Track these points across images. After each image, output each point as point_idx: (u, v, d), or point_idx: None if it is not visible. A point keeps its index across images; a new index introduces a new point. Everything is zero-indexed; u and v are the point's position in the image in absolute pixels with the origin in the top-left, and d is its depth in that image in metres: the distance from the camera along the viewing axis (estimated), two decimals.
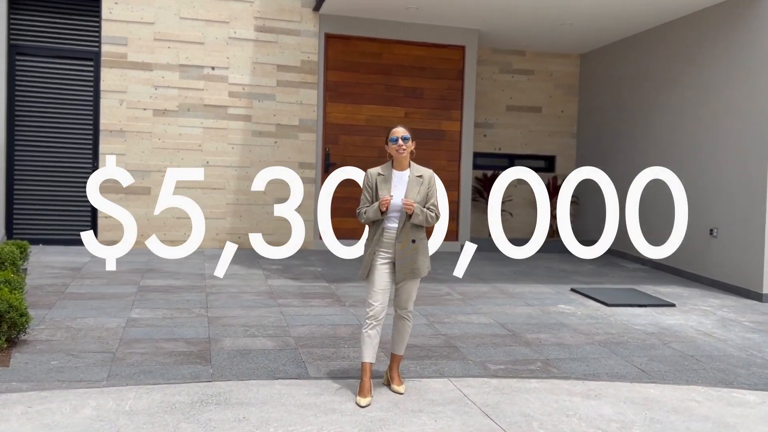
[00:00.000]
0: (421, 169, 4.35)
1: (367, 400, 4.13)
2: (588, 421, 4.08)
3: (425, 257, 4.35)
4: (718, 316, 7.00)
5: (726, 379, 5.11)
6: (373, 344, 4.22)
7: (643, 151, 9.94)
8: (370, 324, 4.22)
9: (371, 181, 4.33)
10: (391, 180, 4.29)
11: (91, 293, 6.58)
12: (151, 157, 9.28)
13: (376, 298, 4.22)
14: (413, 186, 4.26)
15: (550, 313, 6.74)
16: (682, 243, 9.06)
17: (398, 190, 4.27)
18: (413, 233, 4.25)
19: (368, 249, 4.31)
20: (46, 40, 9.05)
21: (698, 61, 8.84)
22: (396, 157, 4.28)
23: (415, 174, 4.30)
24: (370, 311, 4.22)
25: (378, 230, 4.27)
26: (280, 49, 9.62)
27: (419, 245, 4.29)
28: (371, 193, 4.32)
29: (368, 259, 4.28)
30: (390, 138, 4.29)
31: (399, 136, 4.25)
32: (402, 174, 4.31)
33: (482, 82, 11.22)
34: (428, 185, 4.31)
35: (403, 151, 4.25)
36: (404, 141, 4.24)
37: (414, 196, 4.24)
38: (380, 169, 4.34)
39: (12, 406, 3.80)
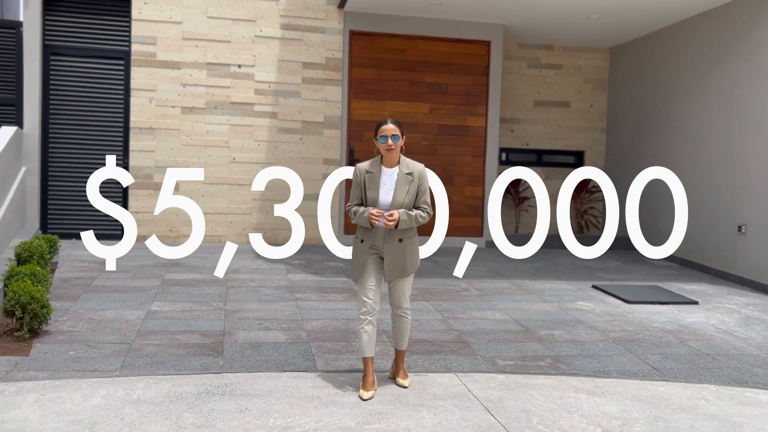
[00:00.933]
0: (411, 165, 4.26)
1: (370, 393, 4.18)
2: (589, 418, 4.07)
3: (414, 255, 4.31)
4: (741, 314, 6.86)
5: (741, 378, 5.03)
6: (371, 339, 4.26)
7: (674, 147, 9.77)
8: (365, 320, 4.24)
9: (360, 179, 4.26)
10: (380, 178, 4.22)
11: (116, 286, 6.78)
12: (179, 154, 9.48)
13: (368, 294, 4.23)
14: (402, 185, 4.19)
15: (567, 310, 6.70)
16: (710, 240, 8.90)
17: (386, 189, 4.21)
18: (400, 233, 4.23)
19: (356, 247, 4.29)
20: (78, 40, 9.31)
21: (730, 54, 8.65)
22: (385, 155, 4.22)
23: (404, 171, 4.22)
24: (363, 308, 4.25)
25: (366, 230, 4.25)
26: (305, 47, 9.73)
27: (407, 244, 4.25)
28: (360, 190, 4.27)
29: (356, 257, 4.27)
30: (379, 136, 4.20)
31: (389, 135, 4.16)
32: (391, 171, 4.24)
33: (509, 78, 11.16)
34: (418, 183, 4.24)
35: (392, 150, 4.19)
36: (394, 140, 4.17)
37: (403, 196, 4.18)
38: (368, 165, 4.27)
39: (26, 394, 3.96)
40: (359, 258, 4.27)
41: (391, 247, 4.21)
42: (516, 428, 3.85)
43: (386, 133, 4.17)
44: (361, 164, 4.31)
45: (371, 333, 4.26)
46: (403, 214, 4.14)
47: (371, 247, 4.24)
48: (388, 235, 4.20)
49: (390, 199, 4.19)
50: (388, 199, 4.19)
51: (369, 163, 4.29)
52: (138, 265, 7.84)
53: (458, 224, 10.33)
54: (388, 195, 4.20)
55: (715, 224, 8.82)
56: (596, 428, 3.92)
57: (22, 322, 5.03)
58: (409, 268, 4.28)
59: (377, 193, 4.20)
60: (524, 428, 3.86)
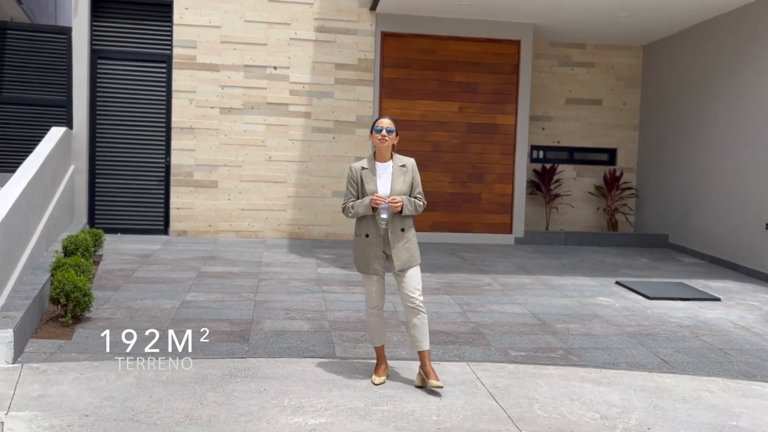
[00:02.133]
0: (403, 159, 4.46)
1: (381, 378, 4.43)
2: (589, 405, 4.26)
3: (416, 245, 4.47)
4: (763, 311, 6.91)
5: (750, 372, 5.13)
6: (380, 329, 4.48)
7: (705, 145, 9.77)
8: (372, 313, 4.47)
9: (356, 176, 4.44)
10: (376, 172, 4.40)
11: (155, 278, 7.19)
12: (218, 153, 9.89)
13: (374, 288, 4.44)
14: (398, 176, 4.39)
15: (587, 305, 6.85)
16: (739, 237, 8.90)
17: (383, 181, 4.39)
18: (402, 222, 4.39)
19: (359, 242, 4.45)
20: (123, 45, 9.80)
21: (764, 51, 8.63)
22: (378, 147, 4.40)
23: (398, 164, 4.42)
24: (370, 302, 4.47)
25: (368, 224, 4.39)
26: (338, 49, 10.03)
27: (408, 233, 4.42)
28: (356, 187, 4.44)
29: (361, 252, 4.43)
30: (375, 128, 4.41)
31: (384, 126, 4.36)
32: (385, 165, 4.42)
33: (540, 76, 11.27)
34: (412, 174, 4.44)
35: (385, 141, 4.36)
36: (388, 133, 4.36)
37: (400, 185, 4.36)
38: (364, 162, 4.47)
39: (67, 373, 4.35)
40: (364, 253, 4.42)
41: (395, 236, 4.37)
42: (516, 413, 4.07)
43: (382, 125, 4.38)
44: (356, 163, 4.51)
45: (380, 325, 4.48)
46: (404, 199, 4.32)
47: (377, 243, 4.38)
48: (391, 225, 4.37)
49: (388, 189, 4.36)
50: (387, 190, 4.36)
51: (364, 160, 4.48)
52: (177, 258, 8.26)
53: (488, 221, 10.51)
54: (386, 186, 4.37)
55: (745, 222, 8.81)
56: (594, 414, 4.12)
57: (66, 308, 5.43)
58: (415, 257, 4.43)
59: (375, 185, 4.36)
60: (524, 413, 4.07)
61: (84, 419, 3.63)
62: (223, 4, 9.79)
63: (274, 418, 3.79)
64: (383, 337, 4.54)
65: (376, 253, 4.40)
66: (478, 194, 10.45)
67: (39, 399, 3.88)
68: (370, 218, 4.40)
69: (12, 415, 3.63)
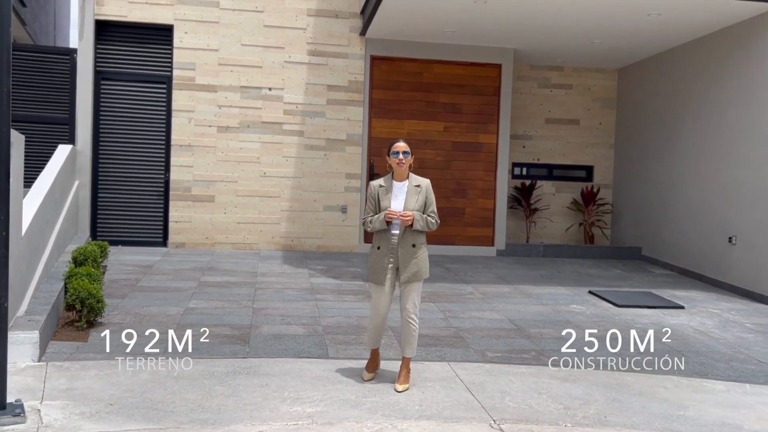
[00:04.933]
0: (418, 179, 4.92)
1: (371, 375, 4.93)
2: (555, 398, 4.80)
3: (425, 261, 4.88)
4: (722, 318, 7.49)
5: (703, 371, 5.70)
6: (378, 336, 4.92)
7: (674, 163, 10.40)
8: (376, 322, 4.88)
9: (374, 193, 4.92)
10: (392, 190, 4.86)
11: (159, 287, 7.69)
12: (215, 169, 10.42)
13: (382, 301, 4.83)
14: (412, 195, 4.84)
15: (560, 312, 7.41)
16: (704, 250, 9.52)
17: (398, 199, 4.84)
18: (413, 238, 4.82)
19: (373, 254, 4.90)
20: (126, 67, 10.33)
21: (725, 76, 9.28)
22: (396, 169, 4.88)
23: (413, 184, 4.88)
24: (376, 311, 4.86)
25: (382, 237, 4.86)
26: (329, 71, 10.61)
27: (419, 249, 4.84)
28: (374, 203, 4.91)
29: (373, 263, 4.87)
30: (392, 152, 4.87)
31: (400, 150, 4.84)
32: (402, 185, 4.89)
33: (521, 97, 11.90)
34: (426, 193, 4.89)
35: (402, 165, 4.85)
36: (405, 156, 4.84)
37: (413, 204, 4.81)
38: (382, 181, 4.95)
39: (88, 370, 4.85)
40: (375, 264, 4.84)
41: (406, 251, 4.78)
42: (489, 404, 4.60)
43: (398, 149, 4.84)
44: (375, 181, 4.98)
45: (380, 331, 4.92)
46: (416, 214, 4.75)
47: (387, 256, 4.78)
48: (403, 239, 4.78)
49: (402, 206, 4.78)
50: (401, 207, 4.78)
51: (382, 179, 4.95)
52: (177, 269, 8.75)
53: (471, 234, 11.08)
54: (400, 204, 4.80)
55: (710, 236, 9.43)
56: (558, 405, 4.66)
57: (80, 314, 5.92)
58: (422, 273, 4.83)
59: (389, 202, 4.80)
60: (496, 404, 4.61)
61: (109, 407, 4.13)
62: (221, 29, 10.35)
63: (276, 407, 4.31)
64: (378, 342, 4.97)
65: (386, 265, 4.79)
66: (462, 209, 11.02)
67: (67, 391, 4.38)
68: (383, 232, 4.80)
69: (46, 403, 4.12)
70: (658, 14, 8.70)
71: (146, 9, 10.18)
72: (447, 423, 4.22)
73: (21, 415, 3.74)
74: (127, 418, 3.99)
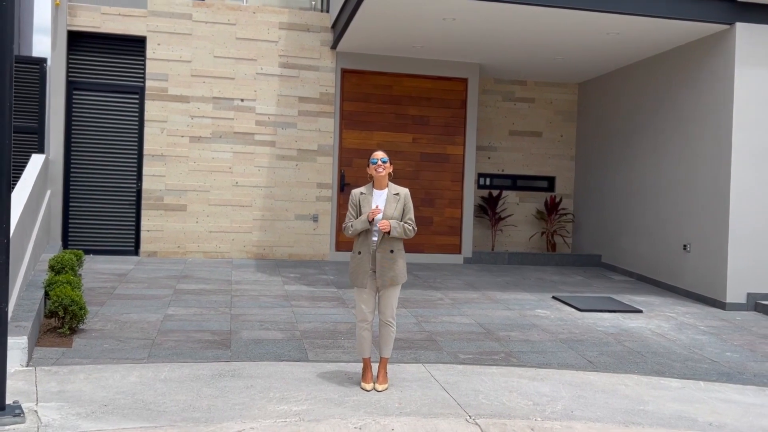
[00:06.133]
0: (398, 188, 5.16)
1: (370, 385, 5.03)
2: (525, 395, 5.11)
3: (403, 266, 5.13)
4: (678, 321, 7.92)
5: (660, 370, 6.07)
6: (368, 342, 5.11)
7: (632, 174, 10.89)
8: (362, 327, 5.08)
9: (355, 200, 5.15)
10: (372, 198, 5.09)
11: (135, 294, 7.81)
12: (187, 178, 10.55)
13: (365, 304, 5.05)
14: (391, 202, 5.08)
15: (526, 316, 7.76)
16: (660, 257, 9.99)
17: (378, 206, 5.06)
18: (391, 244, 5.06)
19: (354, 259, 5.11)
20: (98, 77, 10.42)
21: (679, 92, 9.79)
22: (375, 177, 5.10)
23: (393, 192, 5.12)
24: (360, 315, 5.08)
25: (362, 243, 5.07)
26: (301, 83, 10.85)
27: (396, 255, 5.08)
28: (356, 209, 5.13)
29: (354, 267, 5.07)
30: (371, 160, 5.11)
31: (378, 158, 5.08)
32: (381, 192, 5.12)
33: (486, 110, 12.30)
34: (404, 201, 5.13)
35: (381, 171, 5.07)
36: (383, 163, 5.08)
37: (392, 211, 5.05)
38: (363, 189, 5.17)
39: (77, 374, 4.99)
40: (357, 268, 5.05)
41: (384, 256, 5.01)
42: (464, 401, 4.89)
43: (377, 157, 5.09)
44: (356, 189, 5.20)
45: (368, 338, 5.09)
46: (393, 222, 4.98)
47: (366, 260, 4.99)
48: (381, 245, 5.01)
49: (381, 214, 5.00)
50: (380, 214, 5.00)
51: (363, 187, 5.17)
52: (152, 277, 8.87)
53: (439, 242, 11.40)
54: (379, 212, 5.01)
55: (665, 244, 9.91)
56: (528, 402, 4.97)
57: (63, 321, 6.04)
58: (399, 277, 5.07)
59: (370, 208, 5.02)
60: (470, 401, 4.90)
61: (104, 408, 4.30)
62: (193, 41, 10.51)
63: (264, 407, 4.52)
64: (369, 350, 5.12)
65: (366, 269, 5.01)
66: (430, 218, 11.34)
67: (60, 393, 4.53)
68: (363, 238, 5.03)
69: (41, 405, 4.27)
70: (617, 33, 9.16)
71: (119, 20, 10.29)
72: (426, 419, 4.48)
73: (21, 416, 3.89)
74: (122, 417, 4.16)
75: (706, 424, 4.74)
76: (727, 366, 6.27)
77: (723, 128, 8.73)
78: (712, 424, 4.75)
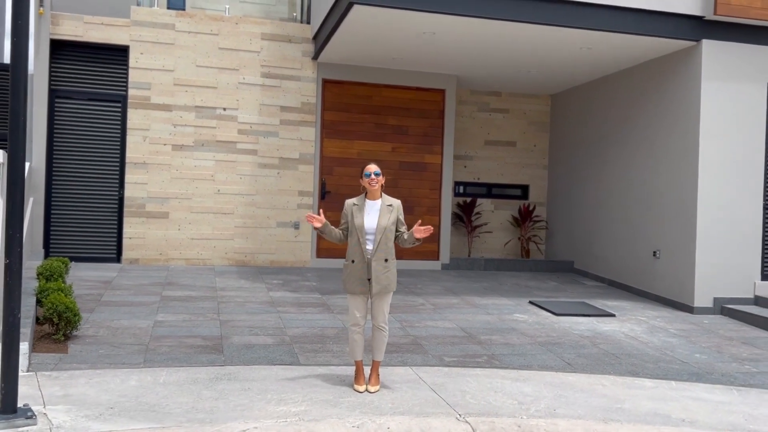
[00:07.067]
0: (390, 200, 5.38)
1: (363, 387, 5.24)
2: (509, 395, 5.38)
3: (395, 274, 5.35)
4: (649, 324, 8.28)
5: (635, 371, 6.39)
6: (360, 346, 5.31)
7: (602, 183, 11.29)
8: (355, 330, 5.29)
9: (347, 210, 5.35)
10: (365, 208, 5.28)
11: (123, 301, 7.92)
12: (169, 186, 10.66)
13: (357, 308, 5.26)
14: (385, 213, 5.28)
15: (505, 321, 8.05)
16: (631, 263, 10.39)
17: (371, 216, 5.26)
18: (385, 253, 5.27)
19: (348, 267, 5.30)
20: (81, 85, 10.50)
21: (647, 104, 10.22)
22: (369, 189, 5.30)
23: (386, 203, 5.33)
24: (353, 320, 5.29)
25: (356, 252, 5.25)
26: (283, 93, 11.05)
27: (390, 264, 5.31)
28: (346, 219, 5.34)
29: (348, 275, 5.27)
30: (364, 173, 5.30)
31: (372, 171, 5.27)
32: (374, 203, 5.31)
33: (462, 120, 12.63)
34: (397, 212, 5.37)
35: (375, 184, 5.27)
36: (376, 176, 5.27)
37: (386, 221, 5.24)
38: (356, 200, 5.35)
39: (77, 378, 5.13)
40: (350, 276, 5.25)
41: (378, 264, 5.22)
42: (453, 401, 5.13)
43: (370, 170, 5.28)
44: (350, 200, 5.37)
45: (360, 341, 5.30)
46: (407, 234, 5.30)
47: (360, 268, 5.19)
48: (375, 254, 5.21)
49: (375, 224, 5.22)
50: (373, 224, 5.22)
51: (356, 198, 5.35)
52: (137, 284, 8.97)
53: (418, 249, 11.59)
54: (372, 221, 5.23)
55: (636, 251, 10.31)
56: (513, 401, 5.23)
57: (57, 327, 6.15)
58: (392, 285, 5.30)
59: (362, 220, 5.22)
60: (459, 401, 5.15)
61: (110, 410, 4.45)
62: (176, 51, 10.65)
63: (263, 408, 4.72)
64: (361, 353, 5.34)
65: (360, 277, 5.21)
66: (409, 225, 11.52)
67: (65, 397, 4.67)
68: (355, 246, 5.23)
69: (49, 408, 4.41)
70: (589, 48, 9.54)
71: (102, 30, 10.39)
72: (419, 417, 4.72)
73: (33, 418, 4.03)
74: (130, 419, 4.32)
75: (679, 420, 5.06)
76: (697, 367, 6.62)
77: (690, 139, 9.15)
78: (685, 420, 5.06)
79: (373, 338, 5.37)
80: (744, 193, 9.13)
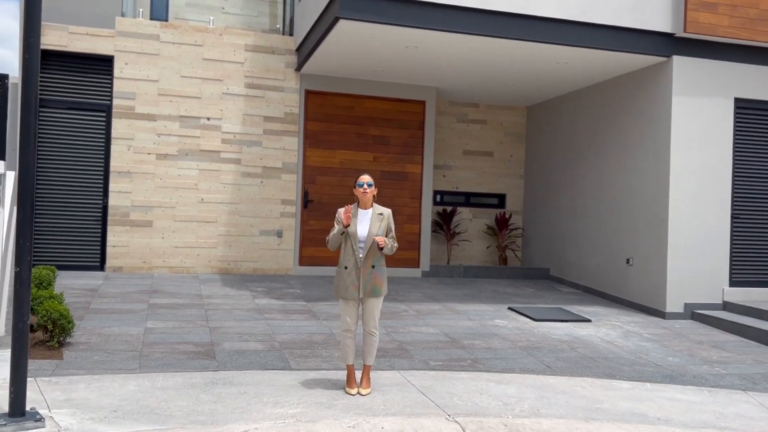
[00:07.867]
0: (381, 209, 5.61)
1: (354, 389, 5.45)
2: (494, 396, 5.63)
3: (384, 280, 5.58)
4: (624, 329, 8.61)
5: (611, 373, 6.69)
6: (351, 350, 5.52)
7: (577, 192, 11.65)
8: (346, 335, 5.50)
9: (340, 218, 5.53)
10: (357, 216, 5.53)
11: (111, 309, 8.03)
12: (153, 195, 10.77)
13: (349, 314, 5.48)
14: (375, 221, 5.51)
15: (486, 326, 8.31)
16: (605, 271, 10.74)
17: (363, 224, 5.50)
18: (376, 260, 5.51)
19: (340, 273, 5.51)
20: (66, 95, 10.57)
21: (621, 117, 10.60)
22: (361, 198, 5.55)
23: (377, 212, 5.56)
24: (344, 325, 5.49)
25: (348, 257, 5.47)
26: (266, 103, 11.23)
27: (380, 269, 5.53)
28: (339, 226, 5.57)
29: (340, 280, 5.48)
30: (357, 183, 5.55)
31: (365, 182, 5.52)
32: (366, 212, 5.56)
33: (442, 130, 12.93)
34: (387, 221, 5.60)
35: (366, 194, 5.52)
36: (368, 186, 5.52)
37: (376, 229, 5.48)
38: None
39: (77, 383, 5.26)
40: (342, 281, 5.46)
41: (368, 270, 5.45)
42: (441, 402, 5.36)
43: (363, 181, 5.52)
44: (342, 208, 5.54)
45: (351, 345, 5.51)
46: (387, 241, 5.45)
47: (351, 274, 5.41)
48: (366, 260, 5.45)
49: (366, 231, 5.46)
50: (365, 232, 5.46)
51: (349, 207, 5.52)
52: (123, 292, 9.07)
53: (399, 257, 11.88)
54: (364, 229, 5.47)
55: (610, 258, 10.66)
56: (498, 402, 5.48)
57: (52, 334, 6.26)
58: (381, 290, 5.51)
59: (355, 226, 5.45)
60: (447, 402, 5.38)
61: (114, 413, 4.60)
62: (160, 61, 10.78)
63: (261, 410, 4.90)
64: (353, 357, 5.55)
65: (352, 282, 5.43)
66: None
67: (67, 401, 4.81)
68: (349, 253, 5.45)
69: (55, 412, 4.54)
70: (565, 63, 9.89)
71: (87, 40, 10.49)
72: (411, 417, 4.94)
73: (41, 421, 4.17)
74: (134, 421, 4.48)
75: (655, 419, 5.35)
76: (670, 369, 6.94)
77: (661, 151, 9.53)
78: (660, 419, 5.35)
79: (364, 343, 5.58)
80: (713, 203, 9.53)
